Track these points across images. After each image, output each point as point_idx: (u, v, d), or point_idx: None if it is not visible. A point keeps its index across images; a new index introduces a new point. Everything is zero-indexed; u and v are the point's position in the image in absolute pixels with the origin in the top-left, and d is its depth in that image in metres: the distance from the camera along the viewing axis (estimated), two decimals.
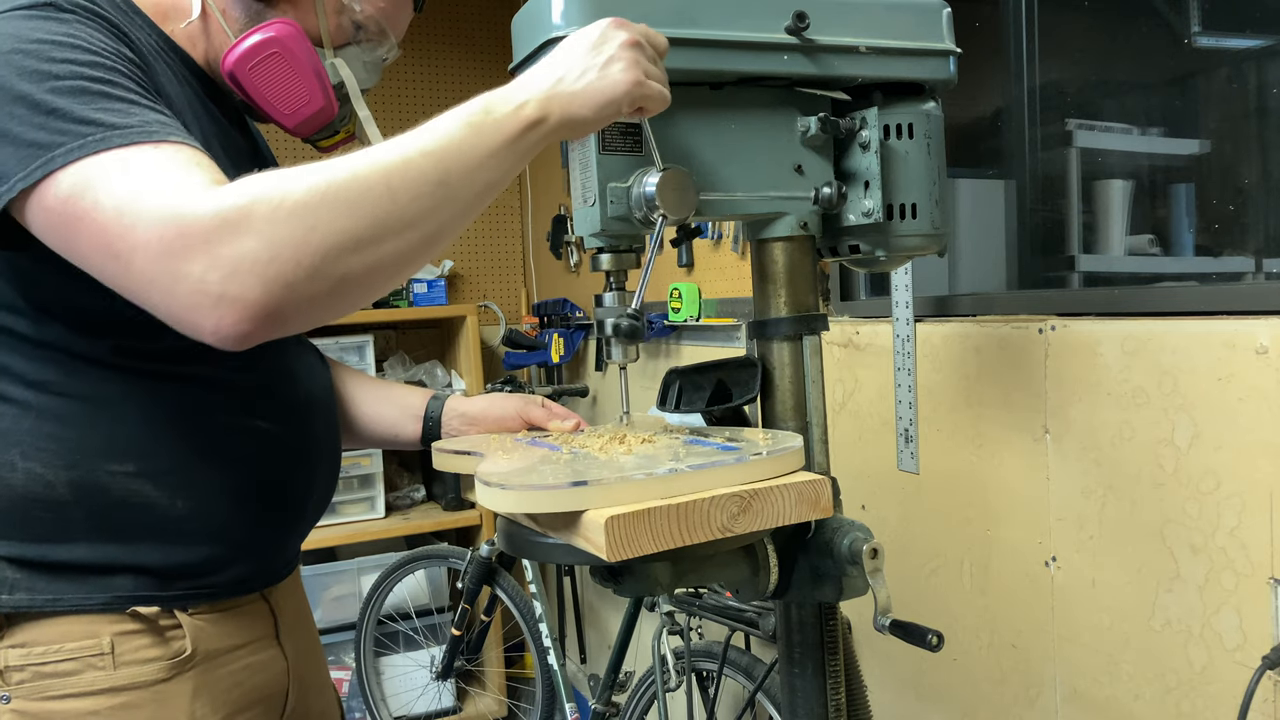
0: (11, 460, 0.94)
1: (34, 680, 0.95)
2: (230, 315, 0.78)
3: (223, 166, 1.01)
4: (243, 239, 0.77)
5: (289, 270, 0.78)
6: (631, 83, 0.88)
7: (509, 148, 0.86)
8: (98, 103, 0.83)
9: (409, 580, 3.13)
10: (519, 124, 0.86)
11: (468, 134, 0.84)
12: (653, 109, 0.92)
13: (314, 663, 1.22)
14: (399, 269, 0.85)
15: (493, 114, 0.86)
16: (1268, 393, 1.18)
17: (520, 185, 3.83)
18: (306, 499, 1.14)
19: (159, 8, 1.03)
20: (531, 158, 0.89)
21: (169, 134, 0.84)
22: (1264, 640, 1.21)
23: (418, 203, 0.82)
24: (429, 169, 0.82)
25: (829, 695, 1.11)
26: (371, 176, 0.81)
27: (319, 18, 1.06)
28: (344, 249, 0.79)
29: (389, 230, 0.81)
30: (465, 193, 0.85)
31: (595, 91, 0.87)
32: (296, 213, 0.78)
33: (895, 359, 1.79)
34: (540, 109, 0.86)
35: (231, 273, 0.76)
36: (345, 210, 0.79)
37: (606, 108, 0.88)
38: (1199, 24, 1.68)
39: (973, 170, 2.03)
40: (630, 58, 0.88)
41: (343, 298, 0.83)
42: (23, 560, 0.96)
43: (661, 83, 0.91)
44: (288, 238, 0.77)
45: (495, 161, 0.85)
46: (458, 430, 1.24)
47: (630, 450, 0.98)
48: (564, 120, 0.87)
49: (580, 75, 0.88)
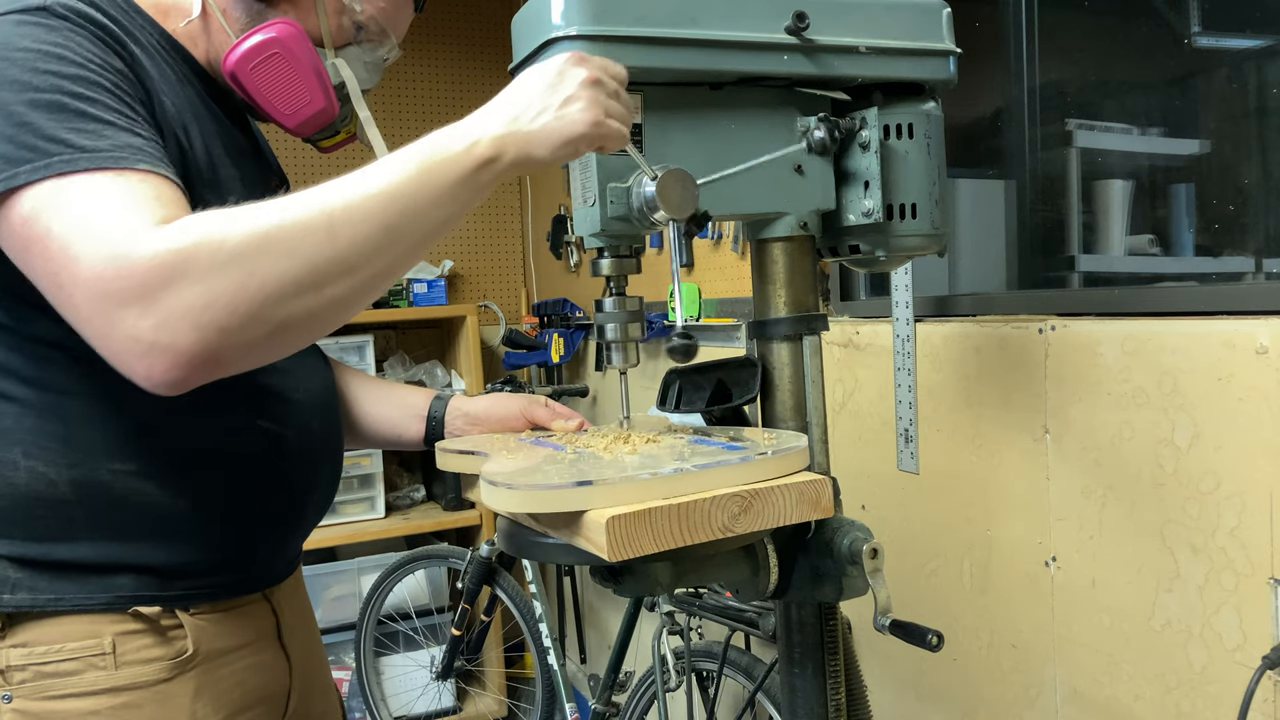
0: (14, 459, 0.94)
1: (35, 680, 0.95)
2: (161, 363, 0.78)
3: (224, 165, 1.02)
4: (180, 285, 0.76)
5: (224, 317, 0.77)
6: (590, 123, 0.87)
7: (459, 187, 0.85)
8: (71, 121, 0.82)
9: (409, 580, 3.13)
10: (471, 163, 0.85)
11: (416, 174, 0.84)
12: (611, 148, 0.91)
13: (316, 664, 1.22)
14: (341, 312, 0.84)
15: (443, 154, 0.85)
16: (1268, 393, 1.18)
17: (520, 185, 3.83)
18: (308, 498, 1.14)
19: (159, 6, 1.03)
20: (484, 197, 0.88)
21: (137, 161, 0.83)
22: (1264, 640, 1.21)
23: (360, 246, 0.81)
24: (374, 211, 0.82)
25: (829, 695, 1.11)
26: (313, 220, 0.80)
27: (320, 18, 1.06)
28: (283, 295, 0.79)
29: (329, 275, 0.80)
30: (412, 234, 0.84)
31: (552, 131, 0.86)
32: (236, 258, 0.78)
33: (895, 359, 1.79)
34: (494, 148, 0.85)
35: (164, 321, 0.76)
36: (285, 255, 0.79)
37: (564, 148, 0.87)
38: (1199, 24, 1.68)
39: (973, 170, 2.03)
40: (589, 96, 0.87)
41: (281, 342, 0.82)
42: (25, 559, 0.96)
43: (622, 118, 0.90)
44: (225, 284, 0.77)
45: (444, 202, 0.85)
46: (461, 430, 1.24)
47: (635, 450, 0.98)
48: (518, 159, 0.86)
49: (537, 114, 0.86)
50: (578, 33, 0.94)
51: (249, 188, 1.06)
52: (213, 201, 0.98)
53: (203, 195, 0.97)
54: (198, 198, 0.97)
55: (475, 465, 1.06)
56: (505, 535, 0.97)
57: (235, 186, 1.02)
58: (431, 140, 0.86)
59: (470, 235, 3.77)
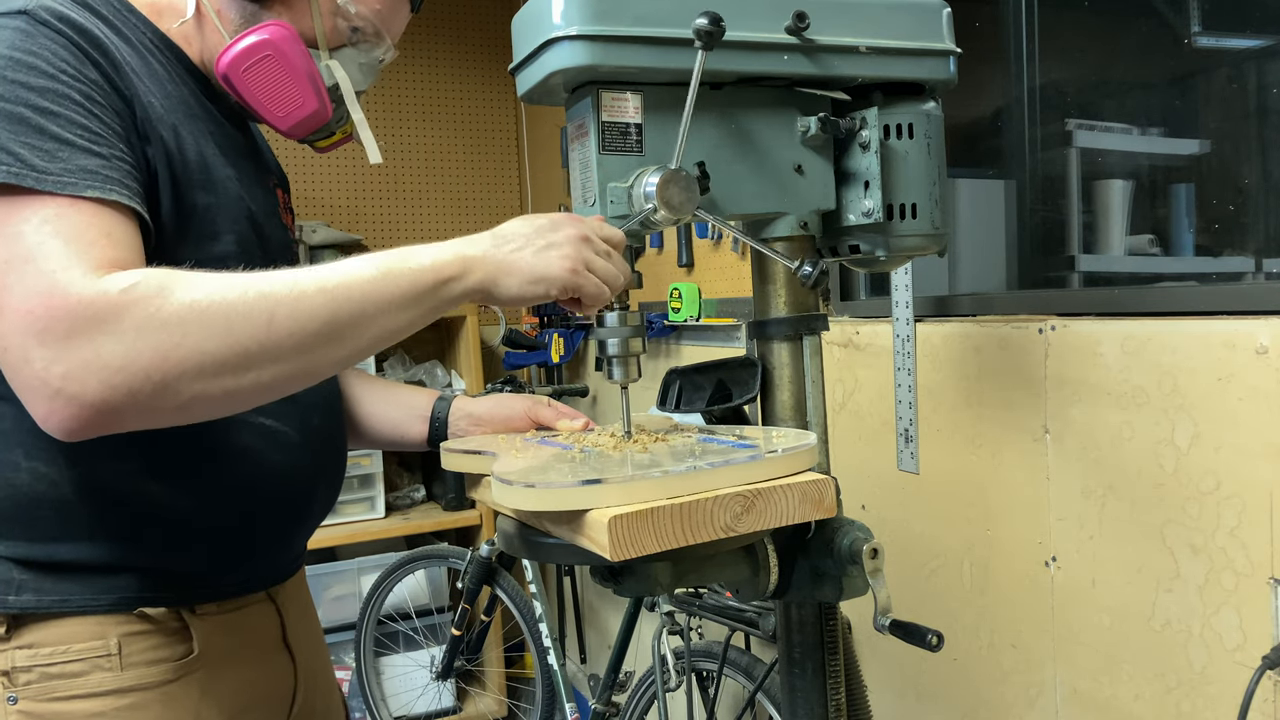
0: (15, 460, 0.94)
1: (41, 681, 0.95)
2: (61, 411, 0.77)
3: (219, 165, 1.01)
4: (102, 338, 0.76)
5: (137, 381, 0.77)
6: (567, 269, 0.87)
7: (415, 300, 0.85)
8: (27, 136, 0.82)
9: (409, 580, 3.12)
10: (431, 276, 0.85)
11: (374, 277, 0.83)
12: (590, 303, 0.91)
13: (320, 663, 1.22)
14: (260, 397, 0.83)
15: (408, 262, 0.85)
16: (1268, 393, 1.18)
17: (520, 185, 3.83)
18: (312, 497, 1.14)
19: (154, 6, 1.03)
20: (441, 314, 0.87)
21: (87, 187, 0.82)
22: (1264, 640, 1.21)
23: (295, 338, 0.81)
24: (319, 306, 0.81)
25: (829, 695, 1.11)
26: (257, 303, 0.80)
27: (314, 19, 1.05)
28: (202, 372, 0.78)
29: (255, 361, 0.80)
30: (355, 337, 0.83)
31: (526, 266, 0.87)
32: (167, 325, 0.77)
33: (895, 359, 1.79)
34: (461, 265, 0.86)
35: (75, 370, 0.76)
36: (218, 332, 0.78)
37: (535, 284, 0.87)
38: (1199, 24, 1.68)
39: (973, 170, 2.03)
40: (573, 249, 0.88)
41: (189, 414, 0.82)
42: (29, 561, 0.96)
43: (609, 277, 0.90)
44: (147, 349, 0.77)
45: (395, 311, 0.84)
46: (465, 430, 1.24)
47: (645, 448, 0.98)
48: (484, 283, 0.87)
49: (518, 248, 0.88)
50: (578, 33, 0.94)
51: (246, 187, 1.05)
52: (205, 199, 0.98)
53: (195, 195, 0.97)
54: (189, 198, 0.97)
55: (482, 465, 1.06)
56: (506, 535, 0.97)
57: (230, 186, 1.02)
58: (402, 250, 0.86)
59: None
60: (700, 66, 0.93)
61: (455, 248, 0.87)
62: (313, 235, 3.29)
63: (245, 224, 1.03)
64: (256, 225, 1.05)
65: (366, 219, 3.59)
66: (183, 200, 0.96)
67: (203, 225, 0.98)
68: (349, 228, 3.54)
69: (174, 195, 0.94)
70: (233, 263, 0.99)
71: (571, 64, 0.95)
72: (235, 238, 1.01)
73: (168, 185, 0.94)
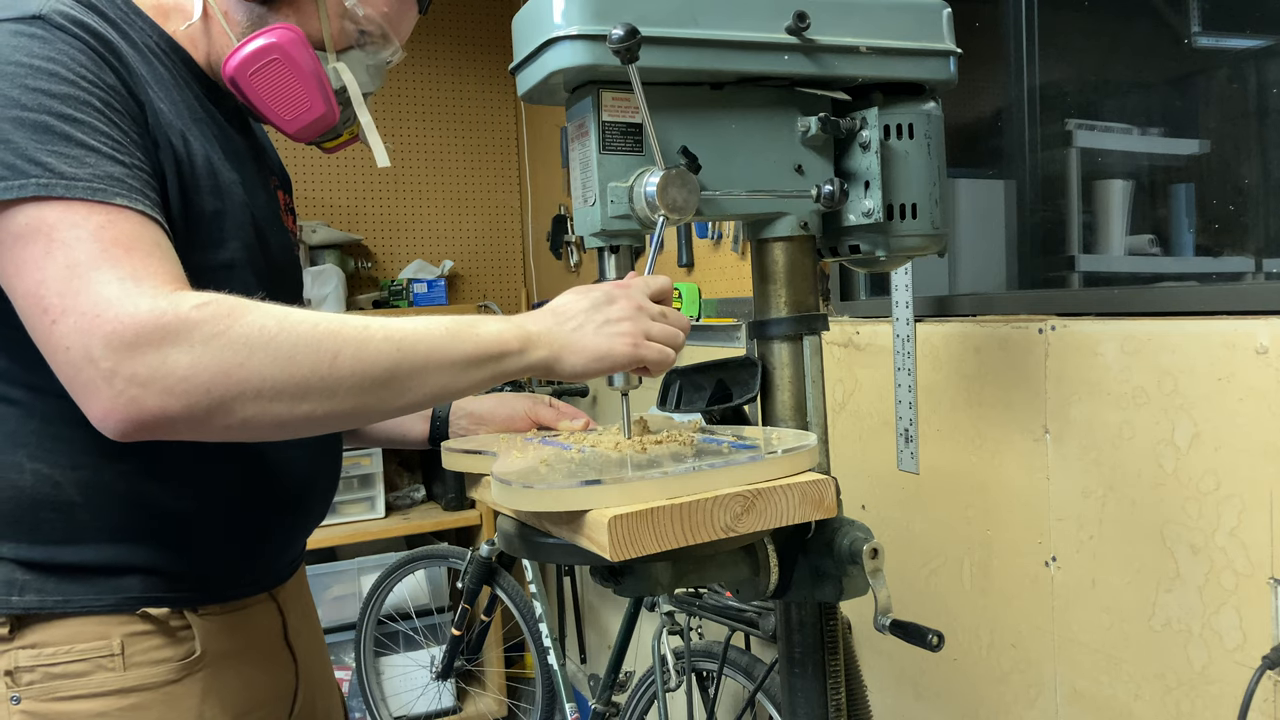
0: (18, 461, 0.94)
1: (44, 681, 0.95)
2: (120, 413, 0.78)
3: (224, 169, 1.01)
4: (170, 350, 0.77)
5: (196, 394, 0.78)
6: (629, 345, 0.90)
7: (476, 365, 0.86)
8: (54, 144, 0.82)
9: (409, 580, 3.12)
10: (495, 346, 0.87)
11: (441, 336, 0.86)
12: (655, 371, 0.94)
13: (321, 663, 1.22)
14: (305, 429, 0.85)
15: (475, 327, 0.87)
16: (1268, 393, 1.18)
17: (520, 185, 3.83)
18: (312, 496, 1.14)
19: (160, 8, 1.03)
20: (498, 384, 0.89)
21: (115, 194, 0.83)
22: (1264, 640, 1.21)
23: (355, 379, 0.82)
24: (384, 354, 0.83)
25: (829, 695, 1.11)
26: (325, 339, 0.81)
27: (321, 21, 1.05)
28: (260, 395, 0.80)
29: (312, 394, 0.81)
30: (411, 390, 0.85)
31: (590, 345, 0.90)
32: (234, 344, 0.78)
33: (895, 359, 1.79)
34: (523, 341, 0.88)
35: (140, 375, 0.77)
36: (282, 359, 0.80)
37: (598, 361, 0.90)
38: (1199, 24, 1.68)
39: (973, 170, 2.03)
40: (631, 324, 0.91)
41: (234, 434, 0.83)
42: (32, 562, 0.96)
43: (669, 339, 0.93)
44: (212, 364, 0.78)
45: (456, 372, 0.86)
46: (466, 430, 1.24)
47: (644, 449, 0.98)
48: (547, 360, 0.89)
49: (578, 326, 0.90)
50: (578, 32, 0.94)
51: (250, 192, 1.05)
52: (213, 205, 0.98)
53: (202, 201, 0.97)
54: (196, 204, 0.97)
55: (482, 465, 1.06)
56: (506, 535, 0.97)
57: (235, 191, 1.02)
58: (474, 318, 0.88)
59: (470, 235, 3.77)
60: (637, 79, 0.93)
61: (519, 322, 0.90)
62: (313, 235, 3.29)
63: (249, 230, 1.03)
64: (260, 230, 1.05)
65: (366, 219, 3.59)
66: (190, 206, 0.96)
67: (209, 231, 0.98)
68: (349, 227, 3.54)
69: (182, 201, 0.95)
70: (237, 268, 1.00)
71: (572, 64, 0.95)
72: (240, 243, 1.01)
73: (176, 191, 0.94)
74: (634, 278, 0.97)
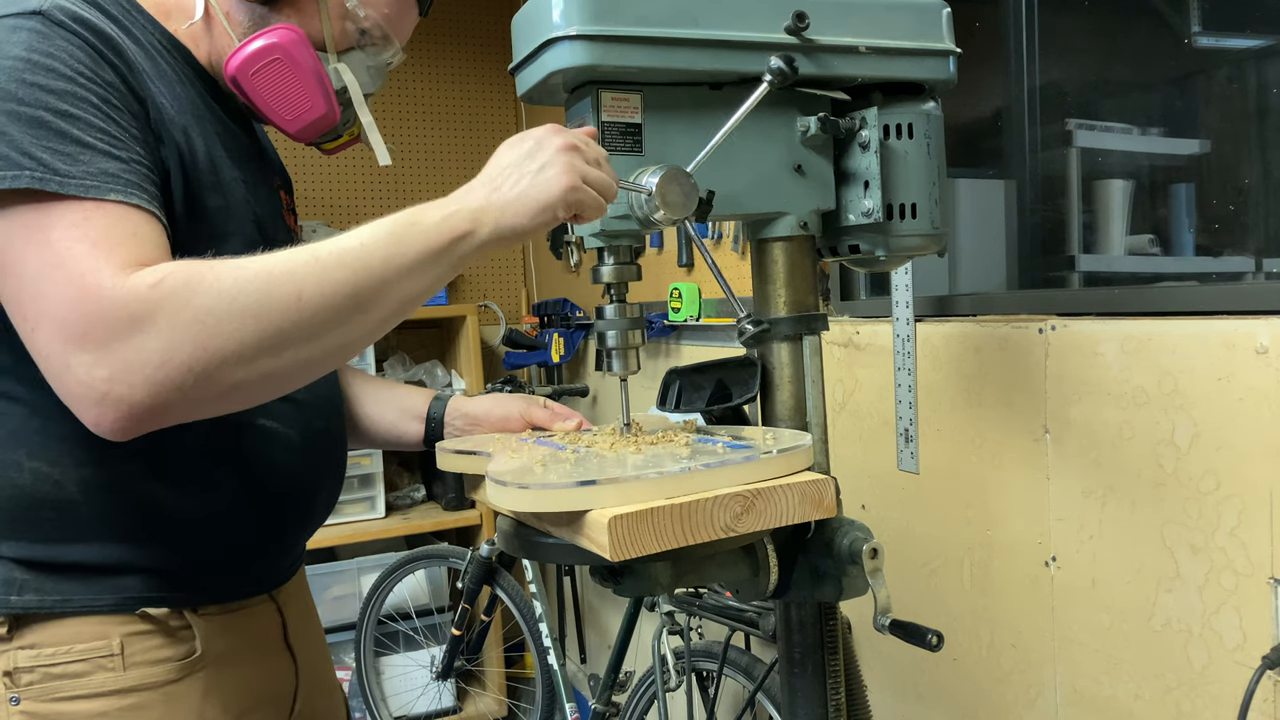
0: (18, 460, 0.94)
1: (44, 681, 0.95)
2: (111, 414, 0.79)
3: (226, 167, 1.02)
4: (140, 337, 0.77)
5: (179, 375, 0.78)
6: (566, 187, 0.87)
7: (433, 260, 0.85)
8: (49, 140, 0.82)
9: (409, 580, 3.13)
10: (446, 235, 0.85)
11: (389, 244, 0.85)
12: (589, 216, 0.91)
13: (321, 664, 1.22)
14: (298, 377, 0.85)
15: (419, 224, 0.86)
16: (1268, 393, 1.18)
17: None
18: (314, 498, 1.14)
19: (162, 7, 1.03)
20: (460, 270, 0.88)
21: (109, 190, 0.83)
22: (1264, 640, 1.21)
23: (325, 314, 0.82)
24: (343, 280, 0.82)
25: (829, 695, 1.11)
26: (283, 285, 0.81)
27: (323, 22, 1.05)
28: (241, 358, 0.80)
29: (290, 341, 0.81)
30: (381, 305, 0.85)
31: (529, 199, 0.87)
32: (199, 316, 0.78)
33: (895, 359, 1.79)
34: (471, 220, 0.86)
35: (119, 372, 0.77)
36: (251, 318, 0.79)
37: (542, 213, 0.87)
38: (1199, 24, 1.68)
39: (973, 170, 2.03)
40: (565, 161, 0.87)
41: (231, 401, 0.83)
42: (31, 561, 0.96)
43: (602, 186, 0.90)
44: (185, 342, 0.78)
45: (416, 274, 0.85)
46: (461, 431, 1.24)
47: (639, 449, 0.98)
48: (497, 231, 0.87)
49: (515, 183, 0.87)
50: (578, 32, 0.94)
51: (252, 190, 1.05)
52: (215, 201, 0.98)
53: (205, 197, 0.97)
54: (199, 200, 0.97)
55: (476, 465, 1.06)
56: (506, 535, 0.97)
57: (237, 188, 1.02)
58: (410, 212, 0.87)
59: None
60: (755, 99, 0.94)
61: (459, 201, 0.87)
62: (313, 235, 3.29)
63: (251, 227, 1.03)
64: (262, 228, 1.05)
65: (366, 219, 3.53)
66: (193, 202, 0.96)
67: (212, 228, 0.98)
68: (349, 227, 3.52)
69: (185, 197, 0.95)
70: None
71: (571, 64, 0.95)
72: (242, 240, 1.01)
73: (179, 187, 0.94)
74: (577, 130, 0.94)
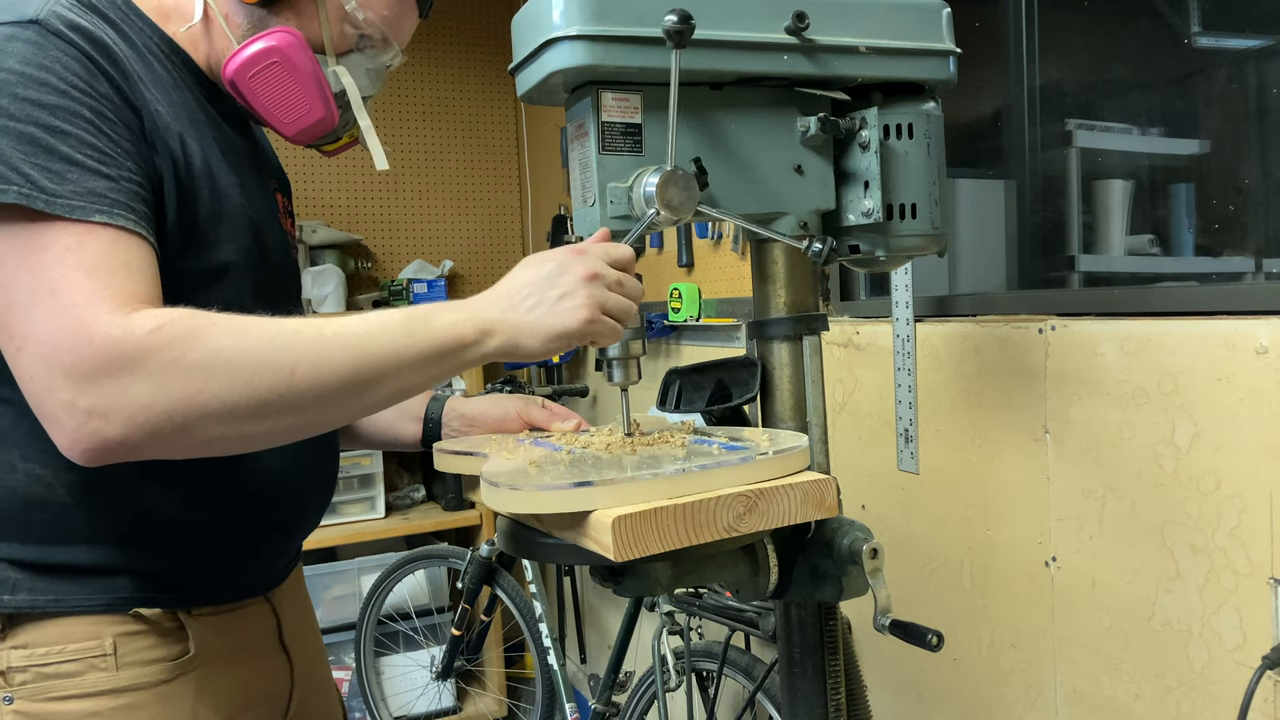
0: (11, 461, 0.94)
1: (36, 681, 0.95)
2: (84, 443, 0.79)
3: (222, 171, 1.01)
4: (128, 380, 0.78)
5: (158, 421, 0.79)
6: (584, 320, 0.88)
7: (434, 360, 0.86)
8: (38, 157, 0.82)
9: (409, 580, 3.12)
10: (452, 339, 0.86)
11: (397, 335, 0.85)
12: (604, 343, 0.92)
13: (317, 664, 1.22)
14: (274, 441, 0.86)
15: (430, 322, 0.86)
16: (1268, 393, 1.18)
17: (520, 185, 3.83)
18: (307, 500, 1.14)
19: (160, 9, 1.02)
20: (460, 373, 0.89)
21: (95, 211, 0.83)
22: (1264, 640, 1.21)
23: (316, 391, 0.82)
24: (341, 363, 0.83)
25: (829, 695, 1.11)
26: (281, 354, 0.81)
27: (322, 25, 1.05)
28: (221, 418, 0.80)
29: (274, 410, 0.82)
30: (374, 394, 0.85)
31: (545, 326, 0.88)
32: (191, 371, 0.79)
33: (895, 359, 1.79)
34: (480, 330, 0.87)
35: (100, 406, 0.78)
36: (242, 382, 0.80)
37: (555, 341, 0.88)
38: (1199, 24, 1.68)
39: (973, 170, 2.03)
40: (585, 294, 0.88)
41: (203, 450, 0.84)
42: (24, 562, 0.96)
43: (621, 311, 0.91)
44: (172, 392, 0.78)
45: (414, 370, 0.86)
46: (458, 431, 1.24)
47: (635, 451, 0.98)
48: (505, 348, 0.88)
49: (533, 306, 0.88)
50: (578, 33, 0.94)
51: (248, 194, 1.05)
52: (210, 207, 0.98)
53: (200, 204, 0.97)
54: (194, 206, 0.96)
55: (473, 466, 1.06)
56: (506, 535, 0.97)
57: (233, 193, 1.02)
58: (426, 308, 0.88)
59: (470, 235, 3.77)
60: (676, 65, 0.92)
61: (473, 310, 0.88)
62: (313, 235, 3.29)
63: (247, 232, 1.03)
64: (258, 233, 1.05)
65: (366, 219, 3.59)
66: (188, 208, 0.96)
67: (206, 233, 0.98)
68: (349, 228, 3.54)
69: (179, 203, 0.95)
70: (234, 271, 1.00)
71: (571, 64, 0.95)
72: (237, 246, 1.01)
73: (174, 193, 0.94)
74: (596, 241, 0.95)
